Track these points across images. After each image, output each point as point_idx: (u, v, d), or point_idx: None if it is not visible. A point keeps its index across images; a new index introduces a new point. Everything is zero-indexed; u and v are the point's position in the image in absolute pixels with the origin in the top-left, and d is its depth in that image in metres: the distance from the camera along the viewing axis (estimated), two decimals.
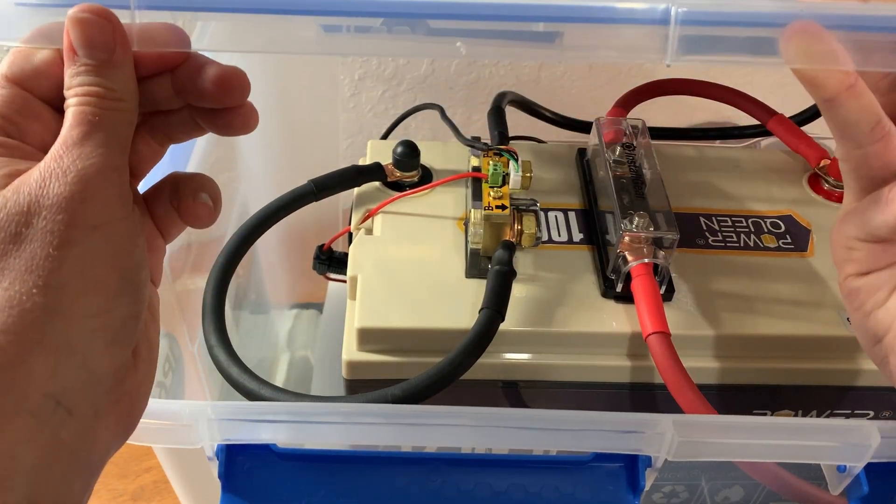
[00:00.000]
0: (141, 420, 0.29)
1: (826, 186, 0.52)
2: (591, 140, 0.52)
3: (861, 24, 0.27)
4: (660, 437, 0.34)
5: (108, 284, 0.26)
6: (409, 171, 0.50)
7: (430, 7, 0.27)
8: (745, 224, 0.50)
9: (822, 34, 0.27)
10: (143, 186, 0.31)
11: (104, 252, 0.26)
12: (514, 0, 0.28)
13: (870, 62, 0.28)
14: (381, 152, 0.53)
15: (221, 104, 0.29)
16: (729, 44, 0.28)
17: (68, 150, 0.26)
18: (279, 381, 0.75)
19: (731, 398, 0.45)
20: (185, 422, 0.34)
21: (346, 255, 0.50)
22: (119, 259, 0.26)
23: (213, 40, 0.28)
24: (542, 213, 0.49)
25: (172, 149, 0.32)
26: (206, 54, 0.29)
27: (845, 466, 0.36)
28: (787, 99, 0.57)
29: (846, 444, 0.35)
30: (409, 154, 0.49)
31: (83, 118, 0.26)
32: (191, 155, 0.50)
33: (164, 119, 0.30)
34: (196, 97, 0.29)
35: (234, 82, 0.28)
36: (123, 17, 0.27)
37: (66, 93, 0.27)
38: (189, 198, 0.30)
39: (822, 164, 0.52)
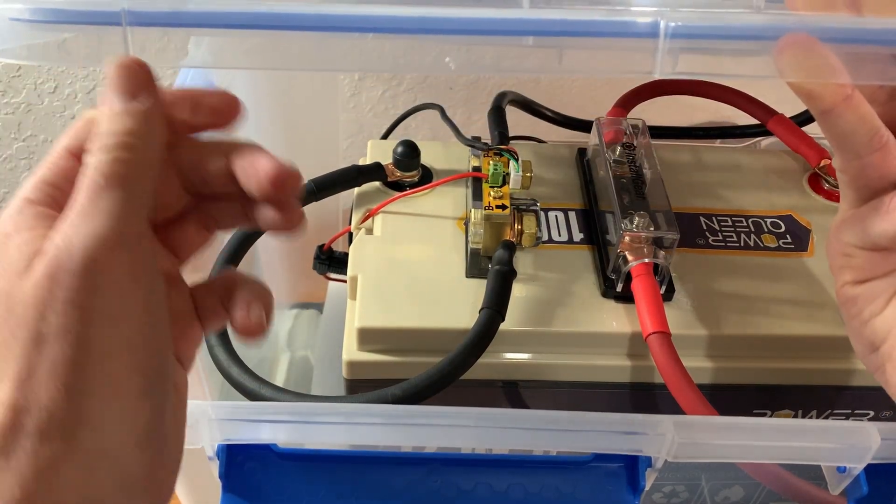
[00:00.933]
0: None
1: (826, 186, 0.52)
2: (591, 140, 0.52)
3: (852, 36, 0.27)
4: (660, 438, 0.34)
5: (130, 388, 0.25)
6: (409, 171, 0.50)
7: (420, 22, 0.27)
8: (745, 224, 0.50)
9: (815, 46, 0.27)
10: None
11: (123, 349, 0.24)
12: (505, 15, 0.27)
13: (861, 74, 0.28)
14: (381, 152, 0.53)
15: (270, 199, 0.28)
16: (720, 57, 0.28)
17: (74, 226, 0.24)
18: (279, 381, 0.75)
19: (731, 398, 0.45)
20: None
21: (346, 255, 0.50)
22: (140, 356, 0.25)
23: (206, 57, 0.28)
24: (542, 213, 0.49)
25: None
26: (199, 70, 0.29)
27: (845, 467, 0.36)
28: (787, 99, 0.56)
29: (846, 445, 0.35)
30: (409, 154, 0.49)
31: (93, 180, 0.25)
32: None
33: (215, 206, 0.29)
34: (249, 185, 0.27)
35: (287, 180, 0.27)
36: (115, 33, 0.26)
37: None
38: (243, 309, 0.28)
39: (822, 164, 0.52)
